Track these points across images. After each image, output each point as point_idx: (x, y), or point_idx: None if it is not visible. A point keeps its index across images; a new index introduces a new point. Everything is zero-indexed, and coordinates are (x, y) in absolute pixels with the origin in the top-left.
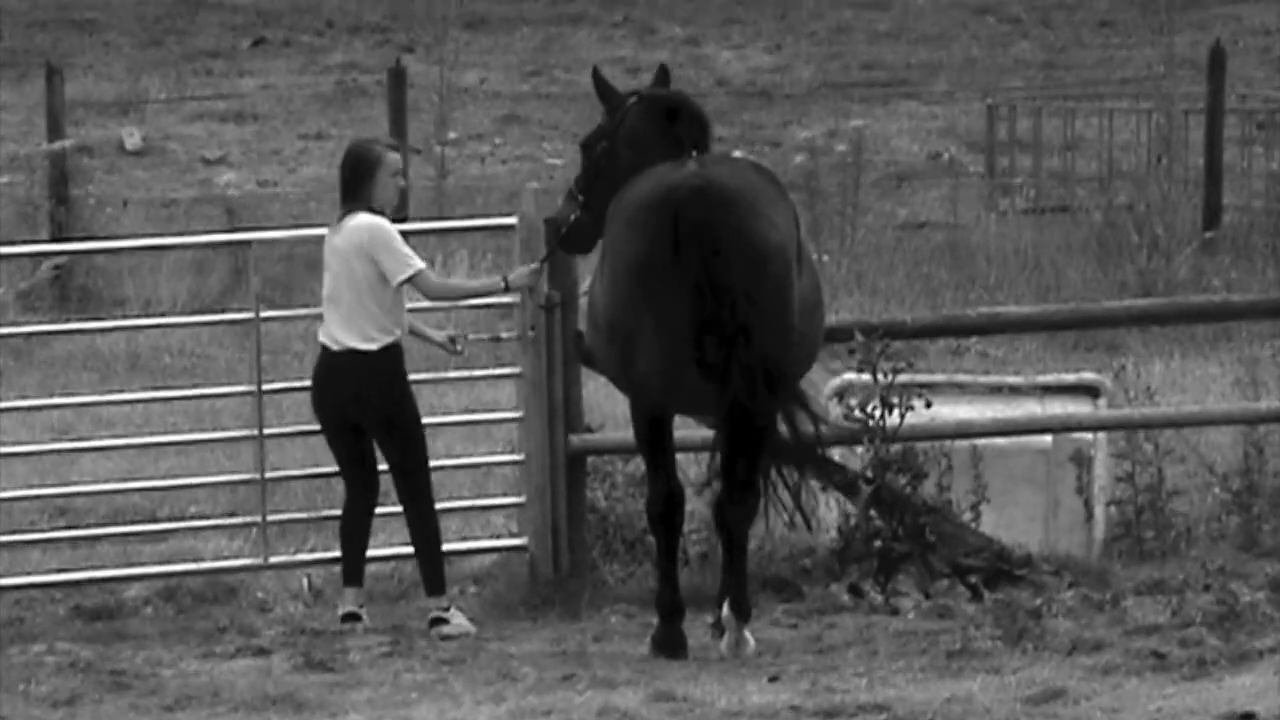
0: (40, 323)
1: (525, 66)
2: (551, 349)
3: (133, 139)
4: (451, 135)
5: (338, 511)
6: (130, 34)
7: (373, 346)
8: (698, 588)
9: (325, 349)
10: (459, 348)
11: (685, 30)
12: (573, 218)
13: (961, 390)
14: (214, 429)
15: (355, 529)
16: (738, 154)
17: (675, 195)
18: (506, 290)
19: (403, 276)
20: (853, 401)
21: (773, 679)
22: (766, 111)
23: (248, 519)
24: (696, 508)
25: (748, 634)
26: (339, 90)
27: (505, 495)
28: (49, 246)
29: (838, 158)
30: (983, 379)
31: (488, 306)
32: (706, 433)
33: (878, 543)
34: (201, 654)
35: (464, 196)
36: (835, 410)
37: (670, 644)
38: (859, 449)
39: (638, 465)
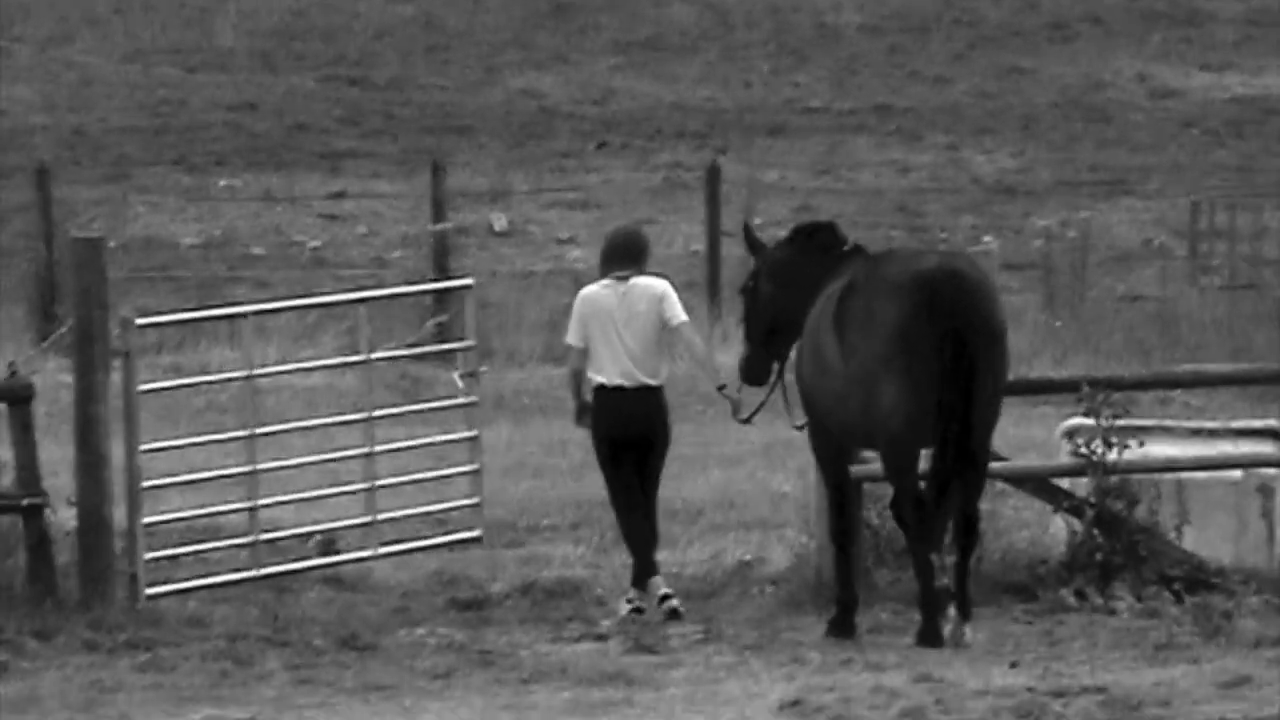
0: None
1: (816, 167)
2: None
3: (500, 223)
4: (756, 221)
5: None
6: (500, 137)
7: (659, 382)
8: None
9: (619, 387)
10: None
11: (946, 137)
12: (743, 355)
13: (1168, 433)
14: (562, 458)
15: (642, 537)
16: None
17: (934, 276)
18: (718, 390)
19: (682, 318)
20: (1080, 441)
21: (1013, 665)
22: (1011, 205)
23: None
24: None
25: (967, 629)
26: (665, 184)
27: (793, 516)
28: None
29: (1069, 243)
30: (1186, 424)
31: None
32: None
33: (1099, 556)
34: (552, 638)
35: None
36: (1066, 447)
37: (930, 635)
38: (1085, 479)
39: None
